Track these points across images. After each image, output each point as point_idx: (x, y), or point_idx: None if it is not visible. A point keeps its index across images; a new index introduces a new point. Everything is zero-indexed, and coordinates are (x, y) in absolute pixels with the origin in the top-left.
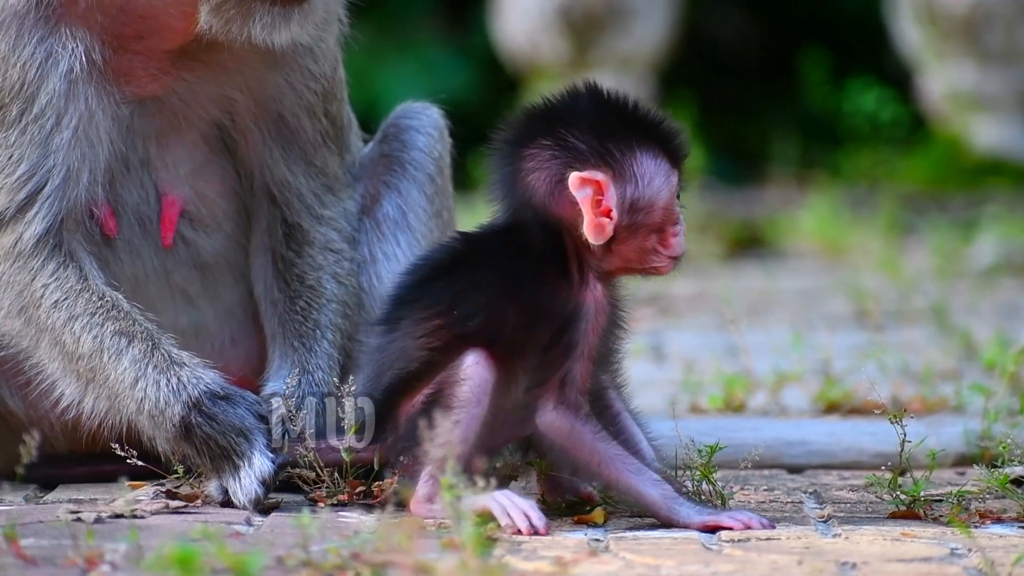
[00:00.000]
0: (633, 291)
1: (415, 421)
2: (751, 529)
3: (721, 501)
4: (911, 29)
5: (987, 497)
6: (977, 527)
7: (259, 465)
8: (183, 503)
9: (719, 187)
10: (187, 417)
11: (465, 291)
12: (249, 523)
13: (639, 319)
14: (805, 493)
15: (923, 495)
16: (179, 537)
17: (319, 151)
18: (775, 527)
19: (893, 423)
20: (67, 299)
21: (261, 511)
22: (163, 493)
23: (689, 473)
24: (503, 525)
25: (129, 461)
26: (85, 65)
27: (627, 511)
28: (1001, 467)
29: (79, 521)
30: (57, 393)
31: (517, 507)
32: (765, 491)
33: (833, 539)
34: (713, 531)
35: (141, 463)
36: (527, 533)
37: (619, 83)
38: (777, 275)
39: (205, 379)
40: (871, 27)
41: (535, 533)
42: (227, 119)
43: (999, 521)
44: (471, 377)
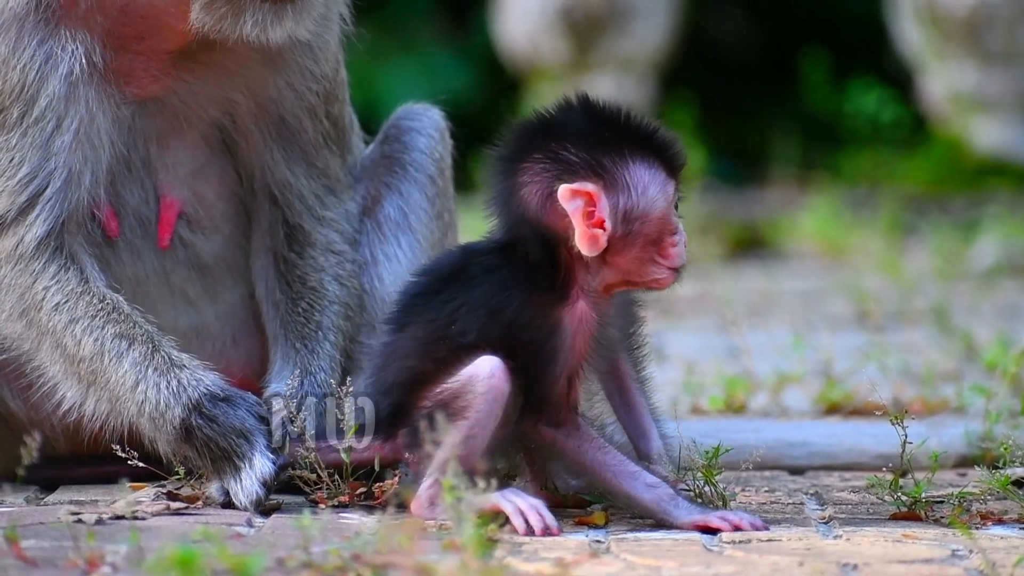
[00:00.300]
0: (634, 293)
1: (428, 422)
2: (741, 530)
3: (723, 502)
4: (912, 30)
5: (988, 498)
6: (978, 528)
7: (260, 466)
8: (184, 504)
9: (720, 188)
10: (187, 419)
11: (461, 307)
12: (250, 524)
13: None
14: (806, 494)
15: (924, 496)
16: (180, 538)
17: (320, 152)
18: (768, 528)
19: (894, 424)
20: (68, 302)
21: (262, 512)
22: (164, 495)
23: (691, 474)
24: (517, 526)
25: (130, 463)
26: (85, 67)
27: (628, 512)
28: (1002, 468)
29: (80, 522)
30: (59, 396)
31: (532, 507)
32: (766, 492)
33: (834, 540)
34: (706, 531)
35: (142, 464)
36: (540, 533)
37: (620, 84)
38: (778, 276)
39: (205, 381)
40: (872, 28)
41: (547, 533)
42: (228, 120)
43: (1000, 522)
44: (490, 389)
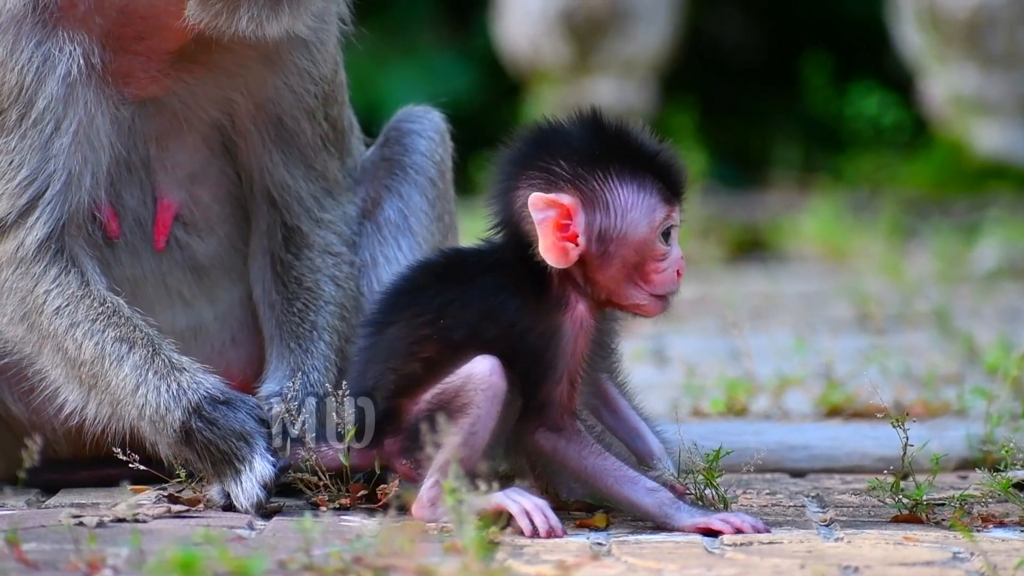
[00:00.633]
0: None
1: (424, 425)
2: (742, 532)
3: (724, 505)
4: (913, 33)
5: (989, 501)
6: (979, 531)
7: (260, 469)
8: (185, 507)
9: (721, 191)
10: (188, 422)
11: (453, 303)
12: (251, 527)
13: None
14: (807, 497)
15: (925, 499)
16: (181, 541)
17: (319, 155)
18: (769, 530)
19: (895, 427)
20: (69, 305)
21: (263, 515)
22: (165, 497)
23: (692, 477)
24: (523, 527)
25: (131, 465)
26: (83, 68)
27: (629, 515)
28: (1003, 471)
29: (81, 525)
30: (60, 399)
31: (537, 508)
32: (767, 495)
33: (835, 543)
34: (707, 534)
35: (143, 467)
36: (544, 535)
37: (621, 87)
38: (779, 279)
39: (205, 384)
40: (873, 31)
41: (551, 535)
42: (227, 121)
43: (1001, 525)
44: (490, 387)
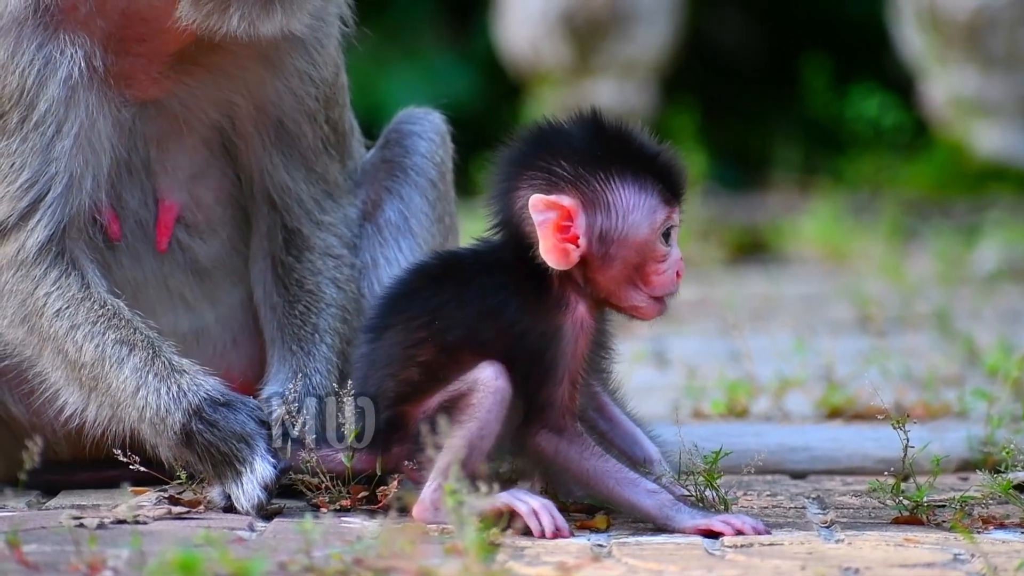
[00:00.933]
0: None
1: (430, 426)
2: (743, 534)
3: (724, 507)
4: (913, 35)
5: (990, 503)
6: (980, 533)
7: (261, 470)
8: (186, 509)
9: (721, 192)
10: (188, 424)
11: (449, 304)
12: (252, 528)
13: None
14: (808, 498)
15: (926, 501)
16: (182, 543)
17: (320, 157)
18: (770, 532)
19: (896, 428)
20: (69, 308)
21: (264, 516)
22: (166, 499)
23: (692, 479)
24: (532, 527)
25: (132, 467)
26: (84, 71)
27: (629, 517)
28: (1004, 472)
29: (81, 527)
30: (61, 402)
31: (544, 508)
32: (768, 496)
33: (836, 544)
34: (707, 535)
35: (144, 469)
36: (550, 536)
37: (621, 89)
38: (780, 280)
39: (205, 386)
40: (873, 33)
41: (558, 535)
42: (227, 123)
43: (1002, 527)
44: (496, 391)
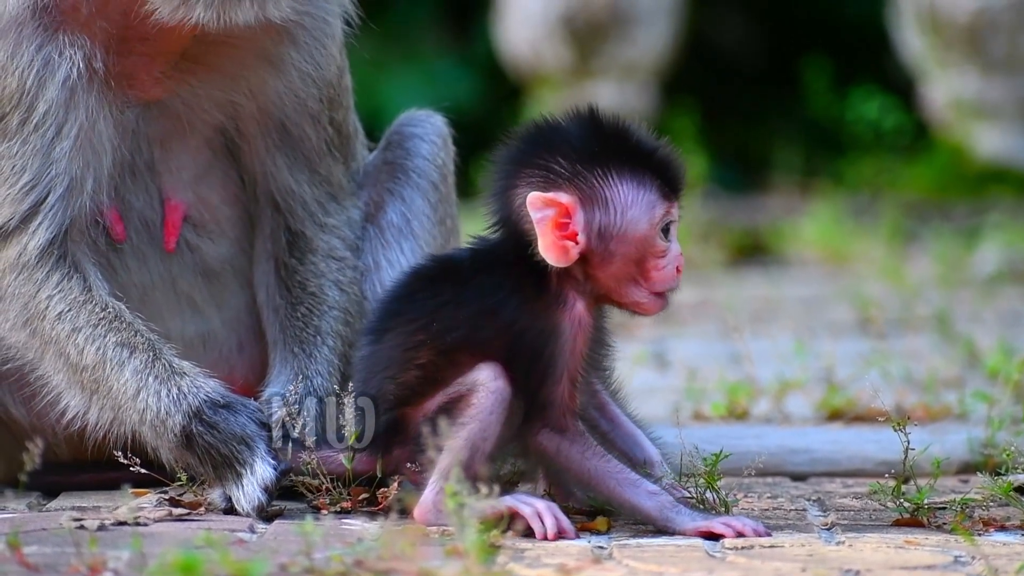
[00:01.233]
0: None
1: (431, 429)
2: (744, 536)
3: (725, 509)
4: (914, 37)
5: (991, 505)
6: (981, 535)
7: (261, 472)
8: (186, 511)
9: (722, 195)
10: (188, 426)
11: (447, 305)
12: (252, 530)
13: (642, 327)
14: (809, 501)
15: (927, 503)
16: (182, 544)
17: (324, 159)
18: (771, 534)
19: (897, 431)
20: (71, 311)
21: (264, 518)
22: (166, 500)
23: (693, 481)
24: (536, 529)
25: (132, 469)
26: (84, 72)
27: (630, 519)
28: (1005, 475)
29: (82, 528)
30: (62, 404)
31: (548, 509)
32: (769, 499)
33: (837, 547)
34: (708, 537)
35: (144, 470)
36: (552, 538)
37: (622, 91)
38: (780, 283)
39: (206, 388)
40: (874, 35)
41: (561, 536)
42: (231, 125)
43: (1003, 529)
44: (496, 392)
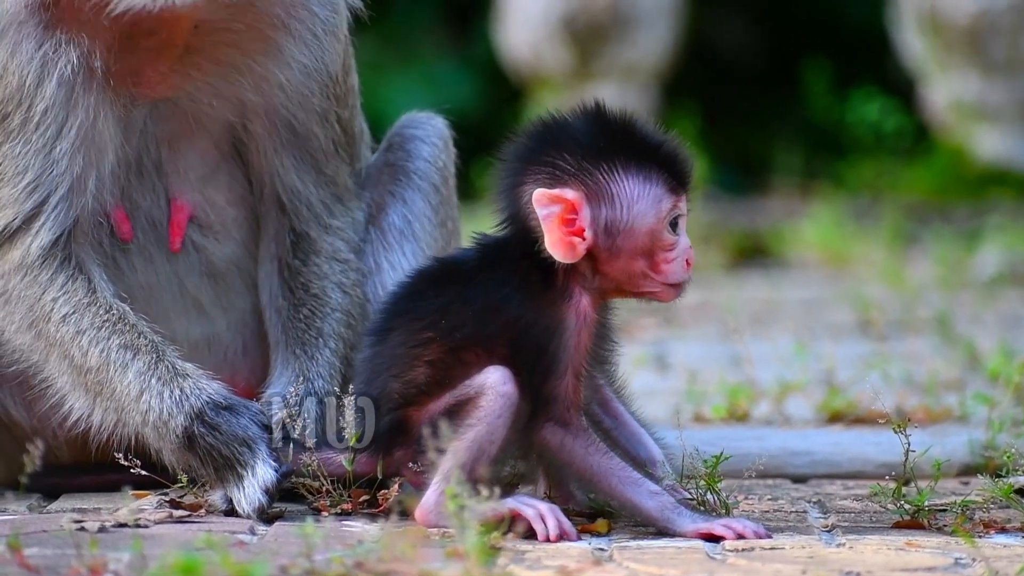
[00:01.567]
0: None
1: (437, 433)
2: (744, 538)
3: (725, 511)
4: (914, 39)
5: (991, 507)
6: (981, 537)
7: (262, 474)
8: (187, 512)
9: (722, 197)
10: (190, 428)
11: (454, 303)
12: (253, 532)
13: (643, 329)
14: (809, 503)
15: (927, 505)
16: (183, 546)
17: (330, 160)
18: (772, 536)
19: (897, 433)
20: (75, 313)
21: (265, 520)
22: (167, 502)
23: (694, 483)
24: (538, 531)
25: (133, 470)
26: (83, 70)
27: (631, 520)
28: (1005, 477)
29: (83, 530)
30: (67, 407)
31: (551, 511)
32: (769, 500)
33: (837, 548)
34: (709, 539)
35: (145, 472)
36: (554, 539)
37: (622, 93)
38: (781, 285)
39: (208, 390)
40: (874, 37)
41: (563, 538)
42: (239, 123)
43: (1003, 531)
44: (503, 396)
